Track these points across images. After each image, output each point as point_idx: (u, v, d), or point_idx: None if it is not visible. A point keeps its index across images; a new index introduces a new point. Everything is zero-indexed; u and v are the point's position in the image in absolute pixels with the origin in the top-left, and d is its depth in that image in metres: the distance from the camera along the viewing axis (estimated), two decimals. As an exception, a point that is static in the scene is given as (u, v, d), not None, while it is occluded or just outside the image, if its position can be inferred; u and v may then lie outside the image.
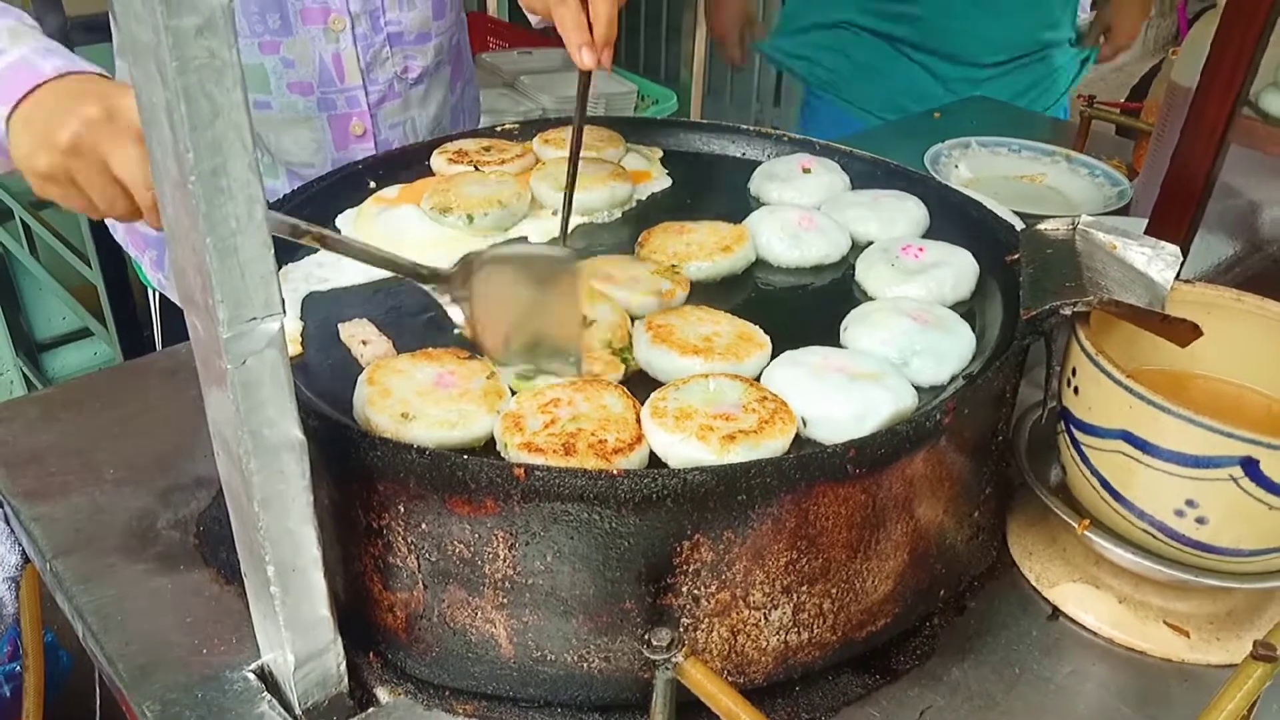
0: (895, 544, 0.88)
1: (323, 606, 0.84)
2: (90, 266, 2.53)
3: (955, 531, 0.96)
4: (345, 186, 1.25)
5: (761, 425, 0.83)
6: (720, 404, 0.86)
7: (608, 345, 0.96)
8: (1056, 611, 1.00)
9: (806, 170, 1.29)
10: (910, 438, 0.83)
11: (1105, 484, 0.93)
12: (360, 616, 0.91)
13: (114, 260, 2.49)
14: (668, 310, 1.00)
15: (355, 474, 0.83)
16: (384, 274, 1.11)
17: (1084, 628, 0.99)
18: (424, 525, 0.82)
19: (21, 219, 2.81)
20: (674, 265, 1.09)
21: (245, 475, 0.76)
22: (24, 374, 3.11)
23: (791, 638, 0.87)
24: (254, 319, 0.70)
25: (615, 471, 0.76)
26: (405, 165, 1.31)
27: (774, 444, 0.83)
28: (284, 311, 0.72)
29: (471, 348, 0.95)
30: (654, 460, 0.84)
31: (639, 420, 0.85)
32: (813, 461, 0.79)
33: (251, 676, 0.92)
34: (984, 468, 0.97)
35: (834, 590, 0.86)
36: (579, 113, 1.11)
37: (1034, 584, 1.03)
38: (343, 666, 0.88)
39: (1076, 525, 0.95)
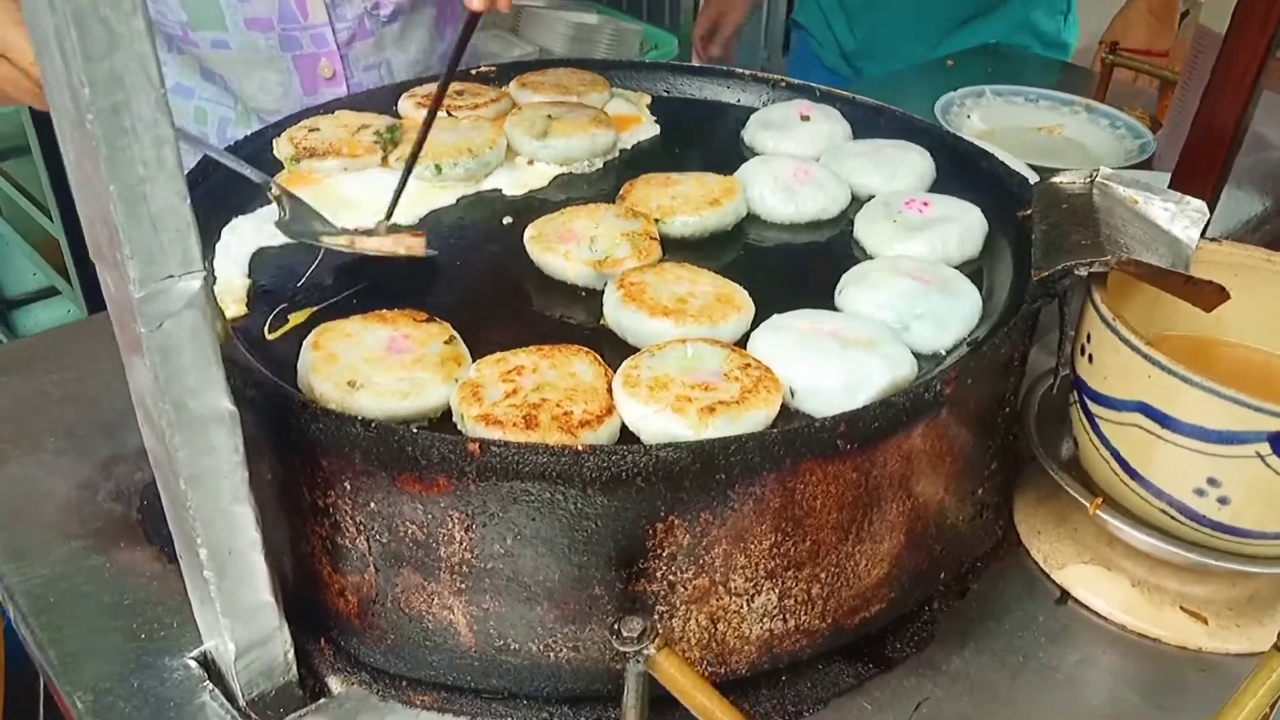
0: (890, 525, 0.81)
1: (264, 592, 0.77)
2: (51, 220, 2.44)
3: (957, 511, 0.88)
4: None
5: (744, 395, 0.76)
6: (699, 372, 0.78)
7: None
8: (1065, 595, 0.93)
9: (805, 118, 1.20)
10: (907, 410, 0.75)
11: (1120, 460, 0.85)
12: (310, 600, 0.84)
13: (74, 213, 2.40)
14: (645, 267, 0.92)
15: (298, 448, 0.76)
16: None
17: (1094, 613, 0.91)
18: (372, 505, 0.75)
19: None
20: (658, 219, 1.00)
21: (170, 450, 0.68)
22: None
23: (776, 625, 0.80)
24: (170, 277, 0.62)
25: (580, 448, 0.69)
26: (373, 109, 1.22)
27: (757, 416, 0.75)
28: (207, 268, 0.64)
29: (430, 309, 0.88)
30: (626, 434, 0.76)
31: (610, 390, 0.77)
32: (799, 437, 0.71)
33: (193, 664, 0.86)
34: (989, 442, 0.90)
35: (823, 575, 0.79)
36: (451, 65, 1.00)
37: (1041, 565, 0.96)
38: (290, 655, 0.81)
39: (1088, 504, 0.87)
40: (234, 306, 0.92)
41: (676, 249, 1.00)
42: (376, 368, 0.78)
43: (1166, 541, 0.84)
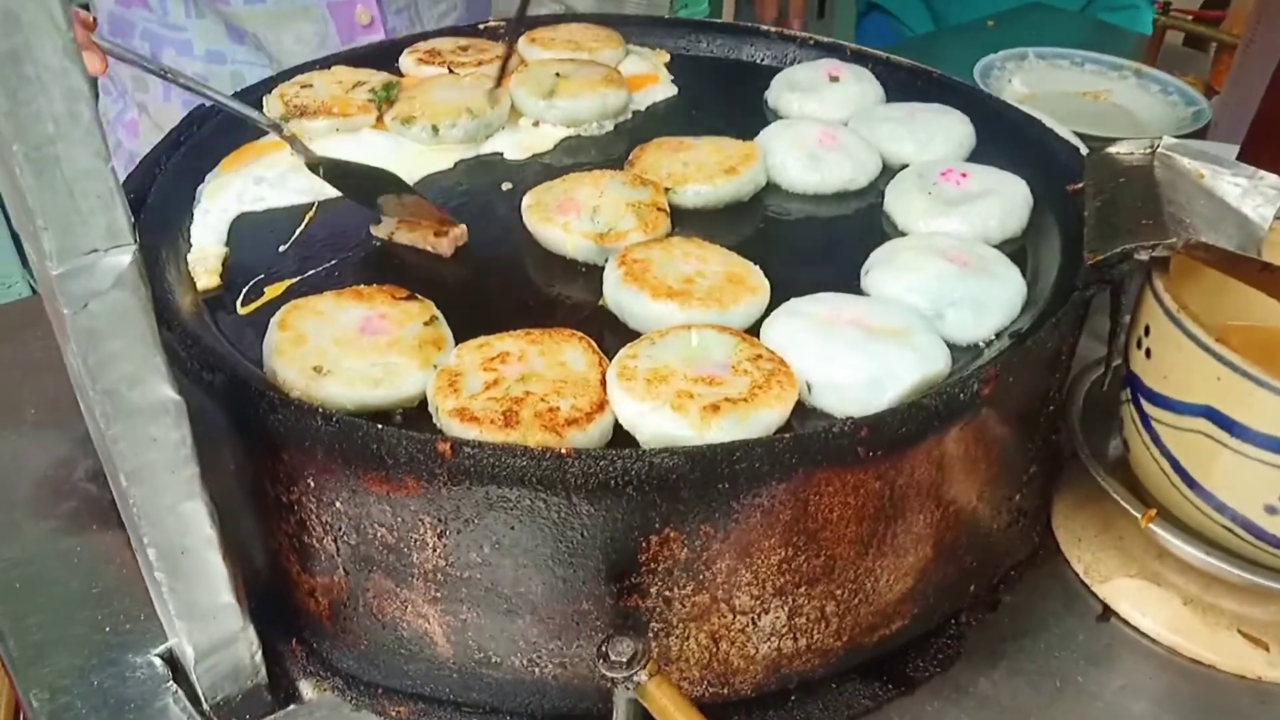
0: (916, 537, 0.72)
1: (224, 593, 0.70)
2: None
3: (991, 519, 0.80)
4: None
5: (754, 391, 0.67)
6: (704, 363, 0.69)
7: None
8: (1107, 611, 0.84)
9: (834, 79, 1.10)
10: (939, 412, 0.66)
11: (1179, 469, 0.76)
12: (282, 598, 0.78)
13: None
14: (650, 242, 0.83)
15: (259, 439, 0.69)
16: (332, 194, 0.96)
17: (1140, 632, 0.83)
18: (338, 504, 0.68)
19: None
20: (668, 188, 0.92)
21: (107, 444, 0.61)
22: (30, 285, 3.00)
23: (786, 644, 0.72)
24: (94, 251, 0.55)
25: (564, 450, 0.61)
26: (373, 66, 1.14)
27: (768, 415, 0.66)
28: (136, 240, 0.56)
29: (415, 284, 0.80)
30: (621, 434, 0.68)
31: (605, 382, 0.69)
32: (813, 443, 0.63)
33: (158, 662, 0.80)
34: (1029, 443, 0.81)
35: (839, 591, 0.71)
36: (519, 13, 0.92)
37: (1082, 577, 0.87)
38: (258, 657, 0.75)
39: (1140, 516, 0.78)
40: (205, 277, 0.85)
41: (688, 221, 0.91)
42: (347, 351, 0.71)
43: (1229, 562, 0.75)
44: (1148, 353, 0.77)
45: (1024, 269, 0.85)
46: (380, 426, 0.63)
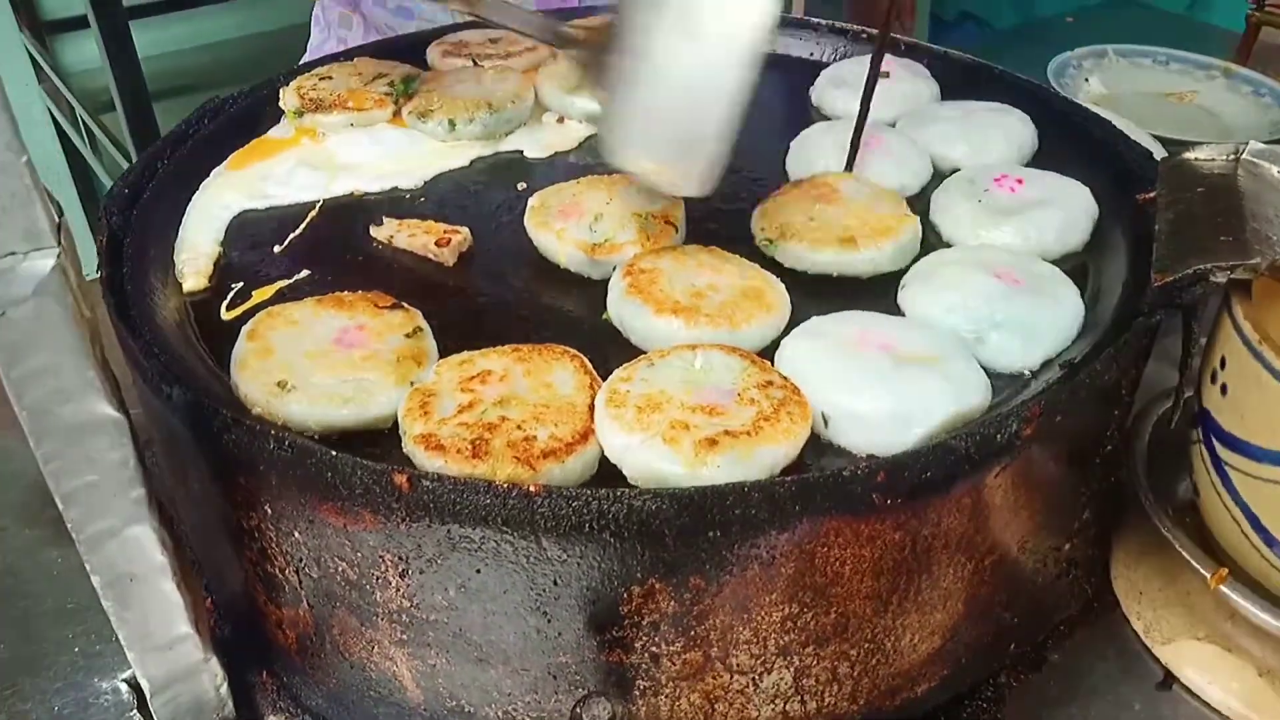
0: (945, 593, 0.64)
1: (180, 623, 0.65)
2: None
3: (1036, 571, 0.71)
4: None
5: (759, 424, 0.59)
6: (706, 389, 0.62)
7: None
8: (1169, 678, 0.75)
9: (884, 74, 1.01)
10: (970, 456, 0.58)
11: (1255, 523, 0.66)
12: (254, 626, 0.72)
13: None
14: (663, 250, 0.76)
15: (216, 460, 0.63)
16: (338, 191, 0.91)
17: (1207, 705, 0.73)
18: (296, 534, 0.62)
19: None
20: (769, 239, 0.80)
21: (40, 462, 0.56)
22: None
23: (793, 707, 0.64)
24: (10, 254, 0.50)
25: (531, 488, 0.54)
26: (397, 57, 1.08)
27: (773, 452, 0.59)
28: (58, 243, 0.51)
29: (408, 292, 0.74)
30: (608, 468, 0.61)
31: (594, 408, 0.62)
32: (820, 488, 0.55)
33: (124, 688, 0.75)
34: (1083, 486, 0.71)
35: (853, 651, 0.63)
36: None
37: (1142, 637, 0.77)
38: (224, 689, 0.69)
39: (1209, 576, 0.69)
40: (193, 278, 0.80)
41: (716, 224, 0.83)
42: (317, 365, 0.65)
43: (1311, 633, 0.65)
44: (1223, 389, 0.67)
45: (1084, 288, 0.76)
46: (334, 453, 0.57)
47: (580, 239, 0.77)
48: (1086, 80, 1.63)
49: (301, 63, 1.07)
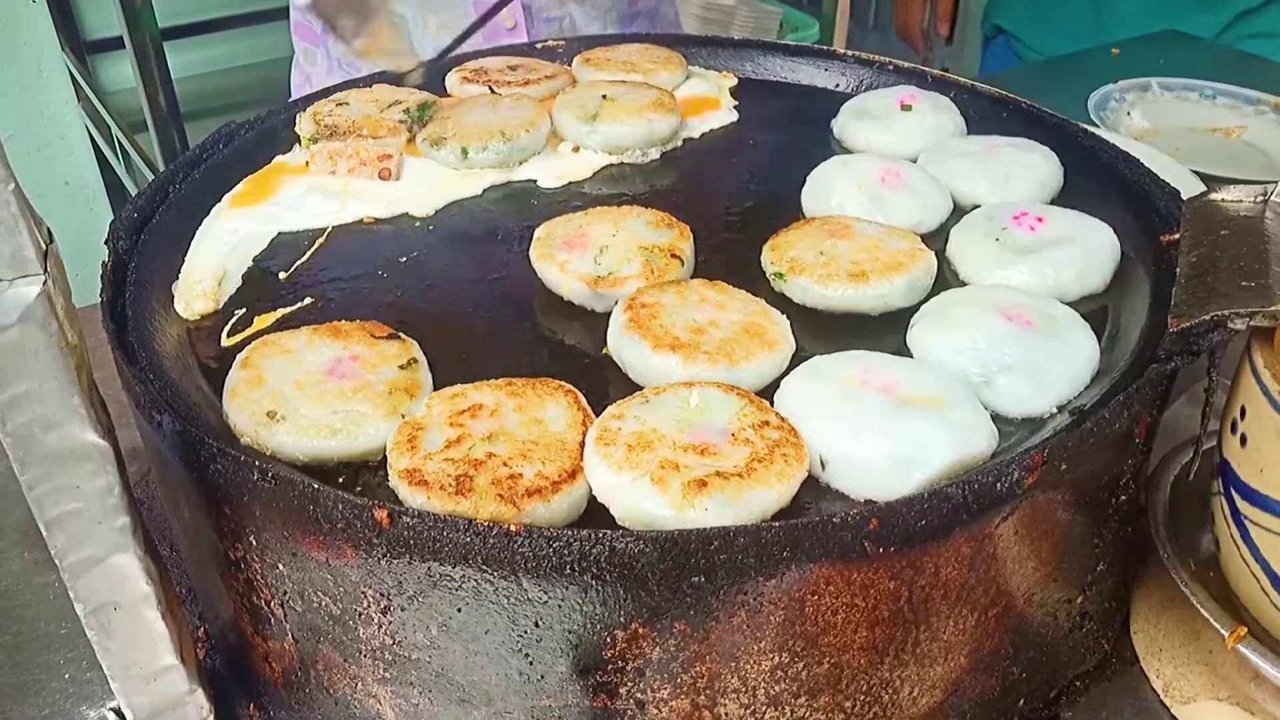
0: (945, 645, 0.61)
1: (166, 654, 0.64)
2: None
3: (1046, 625, 0.68)
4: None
5: (752, 465, 0.58)
6: (699, 429, 0.60)
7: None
8: (1189, 740, 0.71)
9: (906, 107, 1.00)
10: (968, 505, 0.56)
11: (1276, 580, 0.63)
12: (241, 658, 0.71)
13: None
14: (665, 283, 0.74)
15: (204, 490, 0.62)
16: (348, 218, 0.91)
17: (1227, 770, 0.70)
18: (281, 566, 0.61)
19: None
20: (780, 273, 0.78)
21: (24, 488, 0.56)
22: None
23: (786, 759, 0.62)
24: (-7, 281, 0.49)
25: (512, 526, 0.52)
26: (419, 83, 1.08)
27: (765, 495, 0.57)
28: (45, 270, 0.51)
29: (410, 321, 0.73)
30: (597, 508, 0.59)
31: (584, 445, 0.61)
32: (809, 534, 0.53)
33: (112, 717, 0.74)
34: (1097, 537, 0.68)
35: (848, 704, 0.61)
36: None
37: (1161, 695, 0.74)
38: (211, 722, 0.68)
39: (1226, 635, 0.66)
40: (200, 302, 0.80)
41: (723, 257, 0.82)
42: (307, 395, 0.64)
43: (1335, 700, 0.62)
44: (1243, 439, 0.64)
45: (1102, 331, 0.73)
46: (315, 486, 0.56)
47: (584, 272, 0.76)
48: (1129, 114, 1.60)
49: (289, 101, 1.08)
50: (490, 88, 1.05)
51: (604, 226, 0.80)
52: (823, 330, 0.75)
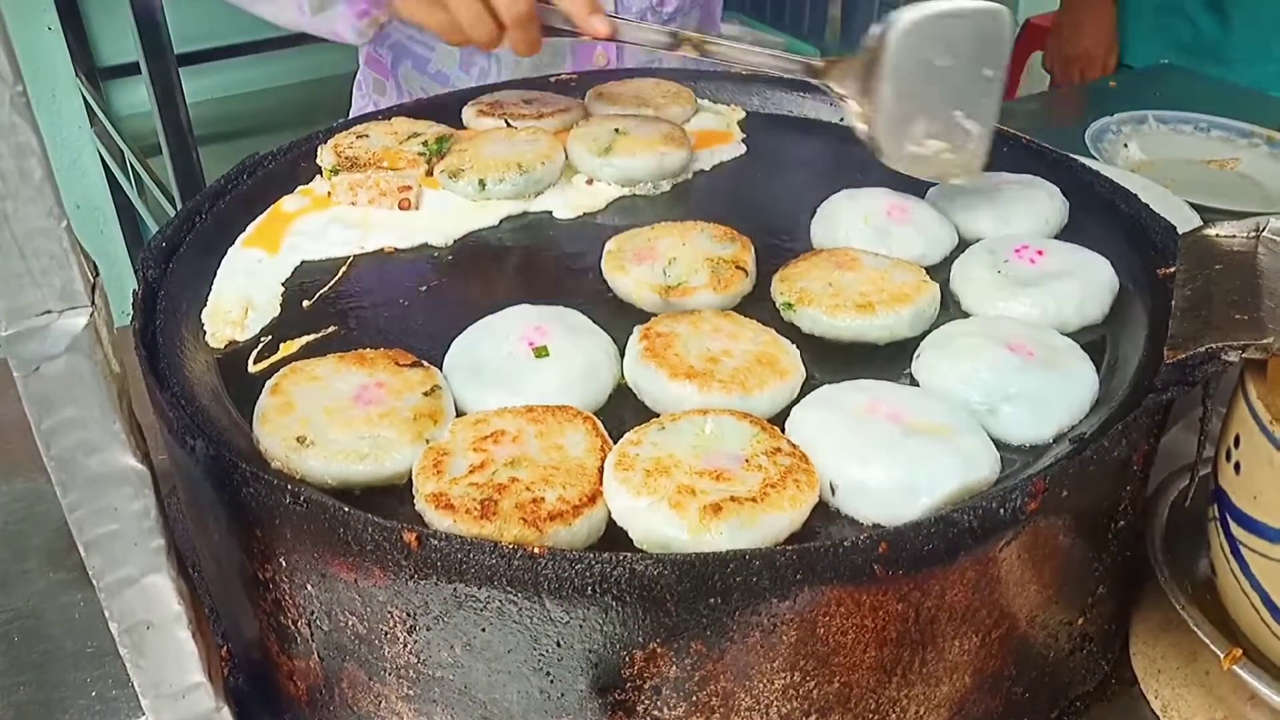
0: (951, 665, 0.64)
1: (195, 672, 0.66)
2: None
3: (1047, 646, 0.70)
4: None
5: (765, 490, 0.60)
6: (714, 455, 0.63)
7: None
8: (1187, 760, 0.73)
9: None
10: (973, 529, 0.58)
11: (1270, 604, 0.65)
12: (266, 676, 0.73)
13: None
14: (678, 314, 0.77)
15: (235, 513, 0.65)
16: (371, 247, 0.93)
17: (1224, 789, 0.71)
18: (309, 587, 0.63)
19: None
20: (789, 303, 0.81)
21: (65, 510, 0.58)
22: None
23: (796, 776, 0.64)
24: (46, 313, 0.52)
25: (535, 549, 0.55)
26: (434, 116, 1.11)
27: (778, 519, 0.59)
28: (92, 302, 0.53)
29: (432, 349, 0.76)
30: (616, 531, 0.62)
31: (603, 470, 0.63)
32: (821, 557, 0.55)
33: (139, 733, 0.76)
34: (1097, 560, 0.71)
35: (857, 723, 0.63)
36: None
37: (1159, 715, 0.76)
38: (237, 739, 0.70)
39: (1223, 656, 0.68)
40: (227, 329, 0.83)
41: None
42: (335, 421, 0.66)
43: (1328, 720, 0.64)
44: (1237, 467, 0.66)
45: (1100, 362, 0.76)
46: (346, 509, 0.58)
47: (656, 281, 0.81)
48: (1125, 146, 1.63)
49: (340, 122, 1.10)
50: (506, 121, 1.08)
51: (671, 240, 0.85)
52: (831, 359, 0.77)
